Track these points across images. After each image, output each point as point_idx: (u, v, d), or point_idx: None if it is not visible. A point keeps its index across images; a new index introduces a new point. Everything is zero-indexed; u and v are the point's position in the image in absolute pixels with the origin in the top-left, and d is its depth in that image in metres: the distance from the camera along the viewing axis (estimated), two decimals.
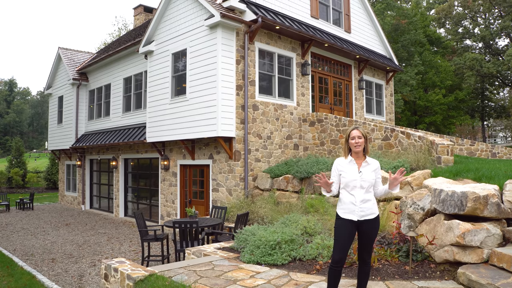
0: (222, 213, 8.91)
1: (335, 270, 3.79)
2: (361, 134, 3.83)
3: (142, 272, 5.09)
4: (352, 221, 3.78)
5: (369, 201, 3.80)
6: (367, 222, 3.78)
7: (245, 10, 10.51)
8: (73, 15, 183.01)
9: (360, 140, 3.81)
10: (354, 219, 3.77)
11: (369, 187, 3.82)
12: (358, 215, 3.76)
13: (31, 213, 17.10)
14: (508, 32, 30.46)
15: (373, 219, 3.80)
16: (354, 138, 3.83)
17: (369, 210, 3.79)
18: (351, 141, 3.85)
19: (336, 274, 3.79)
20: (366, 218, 3.77)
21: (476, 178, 6.27)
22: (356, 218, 3.77)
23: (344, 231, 3.79)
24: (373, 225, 3.81)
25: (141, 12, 20.89)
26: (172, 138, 11.51)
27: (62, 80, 19.27)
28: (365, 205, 3.78)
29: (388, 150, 9.64)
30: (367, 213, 3.78)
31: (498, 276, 4.20)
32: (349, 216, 3.79)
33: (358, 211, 3.77)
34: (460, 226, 4.72)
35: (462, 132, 43.93)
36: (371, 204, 3.81)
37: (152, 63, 12.57)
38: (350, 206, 3.80)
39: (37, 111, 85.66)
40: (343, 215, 3.83)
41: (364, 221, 3.78)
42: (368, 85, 15.54)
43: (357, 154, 3.88)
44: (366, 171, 3.84)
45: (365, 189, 3.80)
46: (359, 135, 3.82)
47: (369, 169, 3.86)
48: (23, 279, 7.16)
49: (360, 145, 3.81)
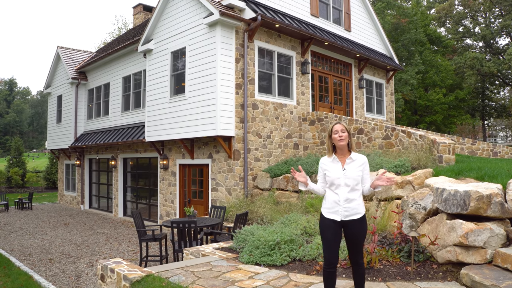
0: (221, 213, 8.82)
1: (327, 271, 3.71)
2: (344, 128, 3.71)
3: (139, 273, 5.01)
4: (336, 221, 3.67)
5: (354, 200, 3.66)
6: (352, 223, 3.65)
7: (244, 8, 10.42)
8: (73, 14, 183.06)
9: (343, 134, 3.68)
10: (337, 219, 3.66)
11: (355, 185, 3.68)
12: (342, 215, 3.64)
13: (30, 212, 17.03)
14: (508, 31, 30.36)
15: (358, 219, 3.65)
16: (337, 132, 3.70)
17: (354, 210, 3.65)
18: (334, 136, 3.71)
19: (330, 276, 3.71)
20: (351, 218, 3.64)
21: (478, 177, 6.18)
22: (340, 218, 3.65)
23: (328, 231, 3.69)
24: (359, 226, 3.67)
25: (140, 11, 20.80)
26: (171, 137, 11.43)
27: (61, 79, 19.19)
28: (349, 205, 3.65)
29: (389, 149, 9.56)
30: (352, 213, 3.64)
31: (503, 277, 4.12)
32: (333, 216, 3.68)
33: (341, 211, 3.64)
34: (463, 226, 4.63)
35: (463, 132, 43.85)
36: (356, 204, 3.67)
37: (151, 62, 12.48)
38: (333, 205, 3.69)
39: (37, 110, 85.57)
40: (327, 215, 3.73)
41: (349, 221, 3.64)
42: (369, 84, 15.45)
43: (341, 150, 3.75)
44: (351, 168, 3.69)
45: (350, 187, 3.66)
46: (342, 129, 3.70)
47: (354, 165, 3.72)
48: (20, 280, 7.08)
49: (344, 138, 3.67)
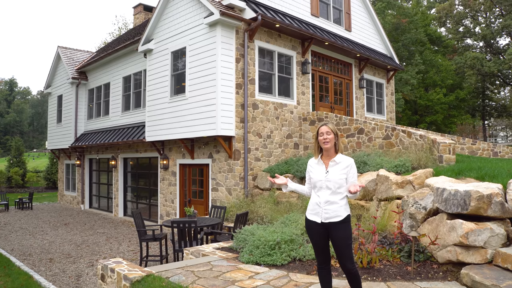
0: (222, 213, 8.82)
1: (321, 269, 3.79)
2: (330, 130, 3.67)
3: (139, 273, 5.01)
4: (317, 223, 3.67)
5: (334, 203, 3.62)
6: (333, 225, 3.61)
7: (244, 8, 10.42)
8: (73, 14, 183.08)
9: (329, 136, 3.65)
10: (318, 221, 3.66)
11: (337, 188, 3.63)
12: (322, 217, 3.64)
13: (30, 212, 17.03)
14: (509, 31, 30.33)
15: (338, 222, 3.60)
16: (323, 134, 3.68)
17: (334, 213, 3.61)
18: (319, 138, 3.70)
19: (324, 274, 3.78)
20: (331, 221, 3.61)
21: (479, 177, 6.17)
22: (320, 220, 3.65)
23: (312, 233, 3.74)
24: (340, 229, 3.61)
25: (140, 11, 20.80)
26: (171, 137, 11.43)
27: (61, 79, 19.19)
28: (329, 207, 3.62)
29: (389, 149, 9.55)
30: (332, 215, 3.61)
31: (503, 277, 4.12)
32: (314, 218, 3.71)
33: (322, 213, 3.64)
34: (464, 225, 4.63)
35: (463, 132, 43.82)
36: (337, 206, 3.63)
37: (151, 62, 12.48)
38: (315, 207, 3.71)
39: (37, 110, 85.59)
40: (309, 216, 3.77)
41: (330, 224, 3.62)
42: (369, 84, 15.45)
43: (327, 152, 3.72)
44: (333, 171, 3.66)
45: (331, 190, 3.63)
46: (328, 131, 3.67)
47: (337, 168, 3.68)
48: (20, 279, 7.08)
49: (329, 141, 3.65)
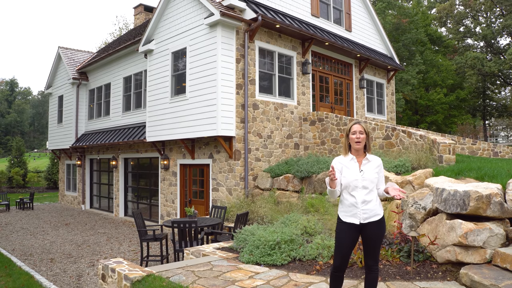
0: (222, 213, 8.84)
1: (336, 275, 3.62)
2: (363, 129, 3.52)
3: (140, 273, 5.03)
4: (355, 225, 3.49)
5: (371, 201, 3.48)
6: (371, 225, 3.47)
7: (245, 9, 10.43)
8: (74, 14, 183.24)
9: (361, 135, 3.50)
10: (356, 223, 3.48)
11: (373, 186, 3.52)
12: (361, 217, 3.46)
13: (31, 212, 17.06)
14: (509, 31, 30.32)
15: (377, 221, 3.48)
16: (355, 133, 3.51)
17: (373, 212, 3.47)
18: (352, 136, 3.53)
19: (338, 280, 3.63)
20: (370, 221, 3.47)
21: (478, 177, 6.18)
22: (359, 221, 3.47)
23: (345, 236, 3.52)
24: (378, 228, 3.49)
25: (141, 11, 20.83)
26: (172, 137, 11.45)
27: (62, 80, 19.23)
28: (367, 207, 3.47)
29: (389, 149, 9.57)
30: (371, 215, 3.47)
31: (502, 276, 4.13)
32: (351, 220, 3.50)
33: (360, 214, 3.46)
34: (463, 225, 4.65)
35: (464, 132, 43.81)
36: (374, 205, 3.49)
37: (152, 62, 12.51)
38: (351, 208, 3.50)
39: (38, 111, 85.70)
40: (345, 218, 3.55)
41: (368, 224, 3.47)
42: (369, 84, 15.46)
43: (357, 151, 3.57)
44: (368, 170, 3.52)
45: (368, 189, 3.49)
46: (361, 130, 3.51)
47: (370, 166, 3.54)
48: (21, 279, 7.11)
49: (361, 141, 3.50)
